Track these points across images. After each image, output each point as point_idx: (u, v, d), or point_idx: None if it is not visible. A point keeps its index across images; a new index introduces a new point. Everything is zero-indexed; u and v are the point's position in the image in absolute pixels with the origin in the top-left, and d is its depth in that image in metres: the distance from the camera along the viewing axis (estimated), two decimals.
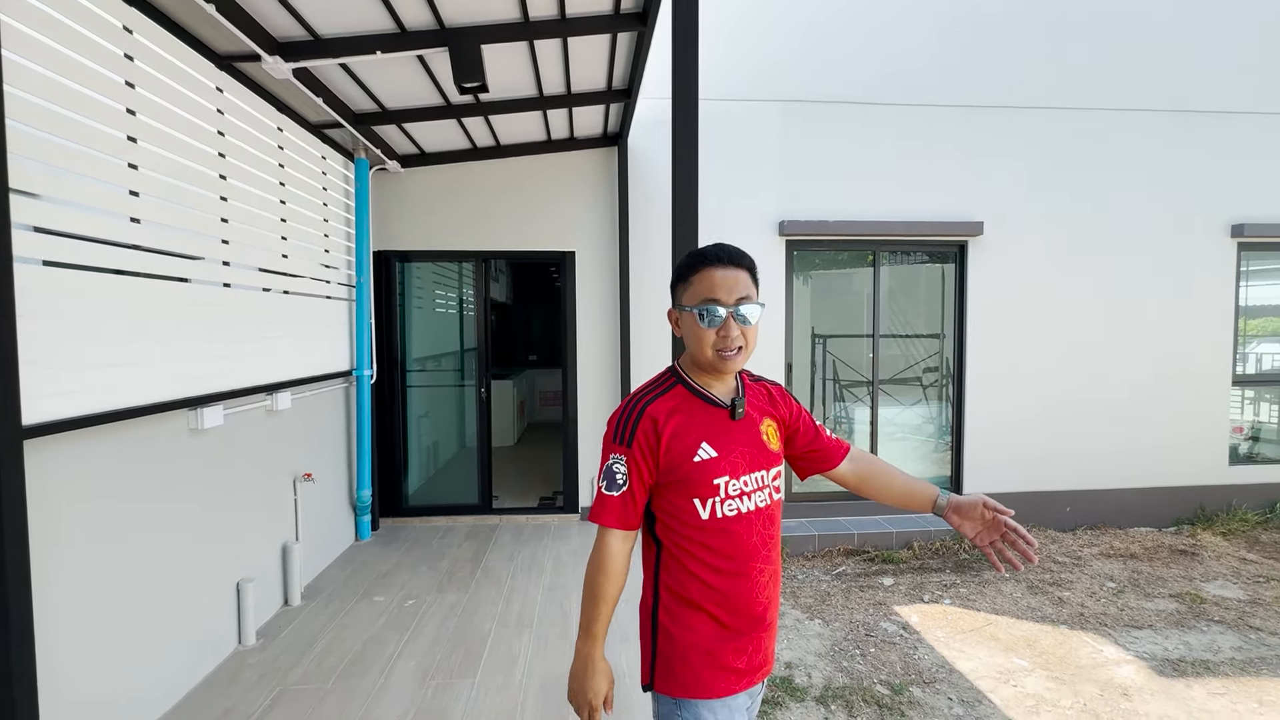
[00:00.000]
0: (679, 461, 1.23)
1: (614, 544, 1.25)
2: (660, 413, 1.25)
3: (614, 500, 1.24)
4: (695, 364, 1.30)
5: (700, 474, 1.23)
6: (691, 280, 1.26)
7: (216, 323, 2.87)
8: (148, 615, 2.42)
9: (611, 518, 1.24)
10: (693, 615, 1.26)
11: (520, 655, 2.96)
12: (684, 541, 1.26)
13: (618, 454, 1.25)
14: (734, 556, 1.26)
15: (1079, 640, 3.42)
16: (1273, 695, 2.92)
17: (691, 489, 1.24)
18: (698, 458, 1.24)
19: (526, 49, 3.36)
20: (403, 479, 5.03)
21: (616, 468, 1.25)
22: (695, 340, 1.25)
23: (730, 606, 1.26)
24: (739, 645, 1.27)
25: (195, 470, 2.73)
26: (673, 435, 1.24)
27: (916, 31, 5.08)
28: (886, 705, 2.82)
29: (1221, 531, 5.12)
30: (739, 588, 1.26)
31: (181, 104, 2.64)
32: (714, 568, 1.25)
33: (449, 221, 4.87)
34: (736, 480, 1.26)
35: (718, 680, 1.25)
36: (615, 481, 1.24)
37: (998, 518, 1.31)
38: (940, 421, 5.44)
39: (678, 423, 1.25)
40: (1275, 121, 5.38)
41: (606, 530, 1.26)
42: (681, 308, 1.28)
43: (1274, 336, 5.74)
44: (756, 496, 1.28)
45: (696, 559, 1.25)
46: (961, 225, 5.07)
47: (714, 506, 1.24)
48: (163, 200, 2.51)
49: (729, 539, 1.25)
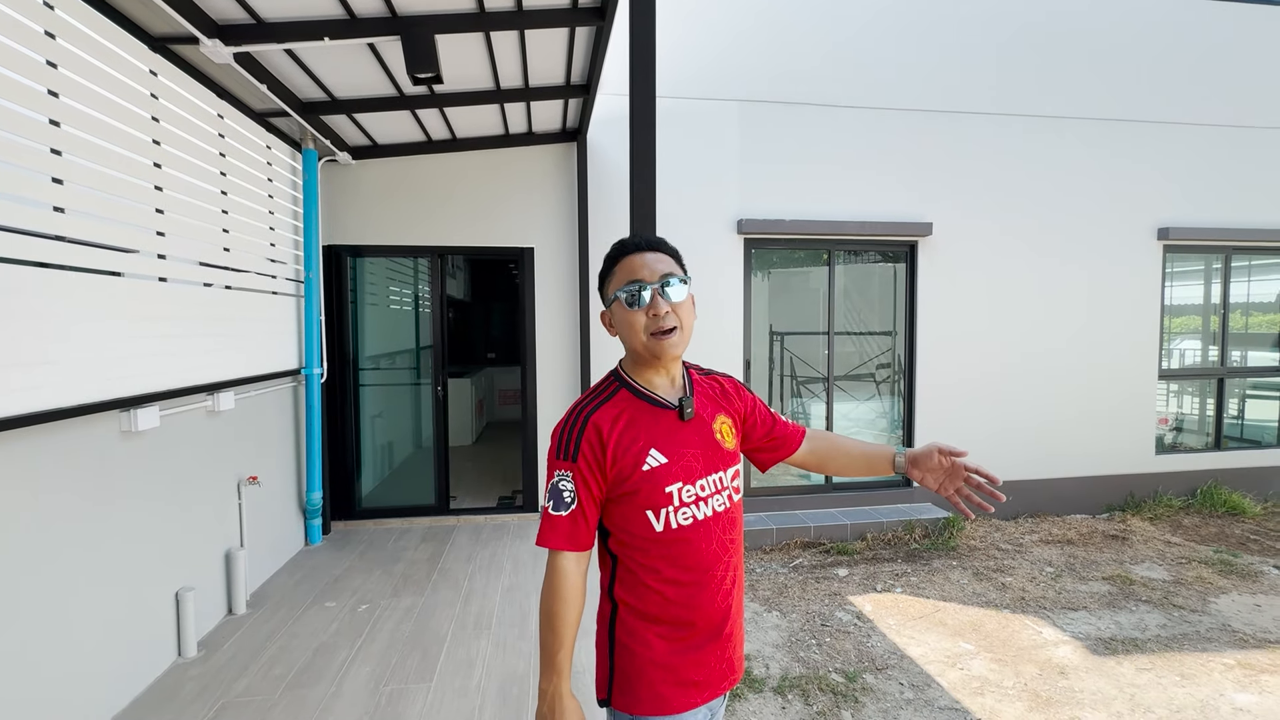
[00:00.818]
0: (627, 472, 1.16)
1: (567, 567, 1.16)
2: (604, 421, 1.18)
3: (563, 520, 1.16)
4: (635, 360, 1.25)
5: (650, 483, 1.16)
6: (615, 271, 1.23)
7: (152, 319, 2.72)
8: (75, 630, 2.28)
9: (561, 539, 1.16)
10: (651, 630, 1.20)
11: (479, 657, 2.92)
12: (639, 555, 1.19)
13: (563, 470, 1.17)
14: (693, 567, 1.19)
15: (1020, 623, 3.59)
16: (1193, 668, 3.12)
17: (643, 500, 1.17)
18: (646, 465, 1.17)
19: (483, 40, 3.30)
20: (355, 481, 4.88)
21: (563, 485, 1.17)
22: (628, 328, 1.20)
23: (690, 619, 1.20)
24: (699, 658, 1.21)
25: (129, 475, 2.58)
26: (618, 444, 1.17)
27: (872, 36, 5.21)
28: (841, 693, 2.90)
29: (1148, 517, 5.45)
30: (699, 599, 1.20)
31: (110, 87, 2.48)
32: (672, 580, 1.19)
33: (403, 216, 4.74)
34: (691, 485, 1.19)
35: (677, 696, 1.19)
36: (563, 500, 1.16)
37: (955, 463, 1.30)
38: (893, 416, 5.62)
39: (623, 429, 1.18)
40: (1199, 131, 5.74)
41: (557, 554, 1.17)
42: (608, 300, 1.24)
43: (1194, 334, 6.14)
44: (714, 501, 1.22)
45: (653, 572, 1.19)
46: (912, 226, 5.24)
47: (668, 517, 1.17)
48: (90, 189, 2.37)
49: (687, 549, 1.19)
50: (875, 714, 2.75)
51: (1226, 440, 6.11)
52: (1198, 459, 5.94)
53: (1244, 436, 6.22)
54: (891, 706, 2.80)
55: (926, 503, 5.36)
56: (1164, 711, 2.78)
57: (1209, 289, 6.08)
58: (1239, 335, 6.17)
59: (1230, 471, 5.92)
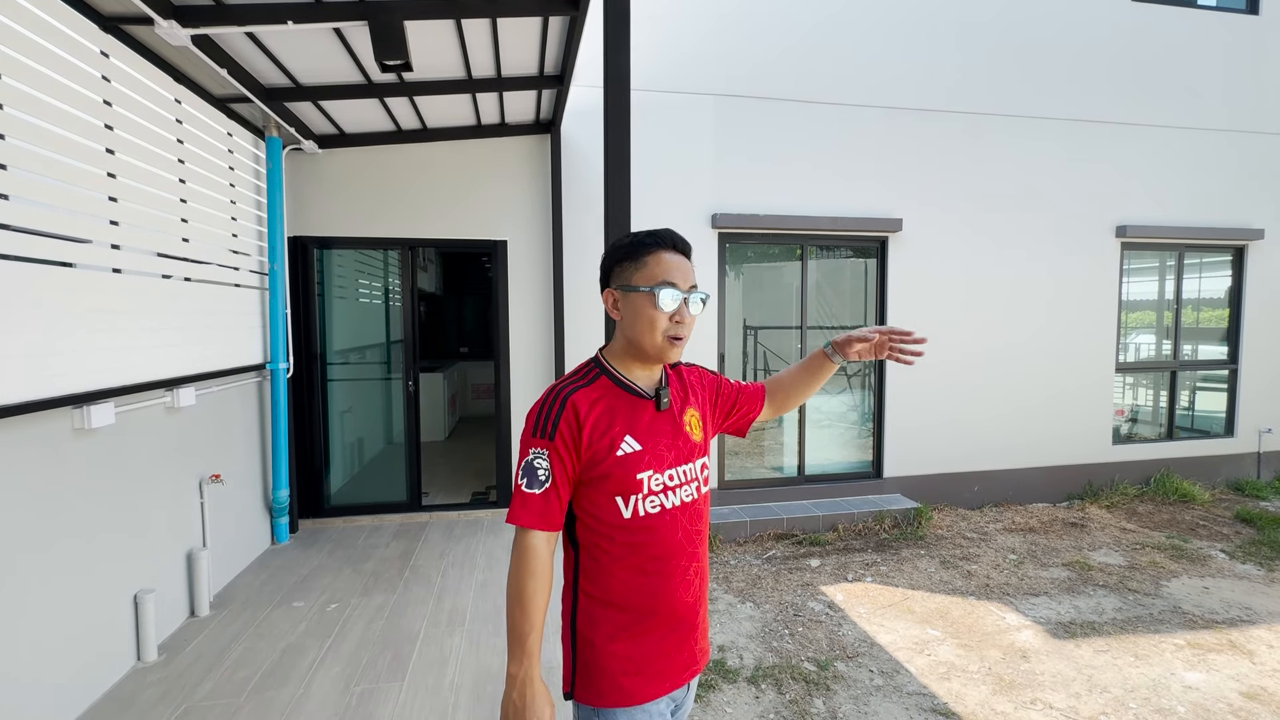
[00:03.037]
0: (601, 456, 1.17)
1: (538, 545, 1.16)
2: (582, 402, 1.18)
3: (535, 498, 1.15)
4: (630, 351, 1.24)
5: (623, 469, 1.17)
6: (645, 260, 1.21)
7: (106, 312, 2.61)
8: (25, 635, 2.19)
9: (533, 517, 1.15)
10: (614, 620, 1.20)
11: (452, 655, 2.89)
12: (604, 542, 1.20)
13: (538, 448, 1.16)
14: (659, 555, 1.20)
15: (985, 609, 3.69)
16: (1146, 649, 3.26)
17: (613, 485, 1.18)
18: (620, 451, 1.18)
19: (454, 28, 3.23)
20: (324, 478, 4.78)
21: (538, 463, 1.16)
22: (645, 323, 1.19)
23: (655, 608, 1.21)
24: (662, 649, 1.22)
25: (83, 474, 2.48)
26: (594, 427, 1.17)
27: (845, 33, 5.25)
28: (813, 681, 2.94)
29: (1106, 505, 5.65)
30: (663, 588, 1.21)
31: (57, 68, 2.37)
32: (636, 569, 1.20)
33: (372, 207, 4.63)
34: (660, 475, 1.21)
35: (638, 687, 1.20)
36: (537, 478, 1.16)
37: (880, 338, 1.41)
38: (863, 409, 5.71)
39: (600, 414, 1.19)
40: (1156, 132, 5.93)
41: (527, 531, 1.16)
42: (629, 288, 1.21)
43: (1149, 328, 6.38)
44: (682, 491, 1.24)
45: (618, 560, 1.19)
46: (883, 222, 5.32)
47: (636, 504, 1.19)
48: (37, 175, 2.25)
49: (653, 536, 1.20)
50: (846, 701, 2.81)
51: (1178, 431, 6.37)
52: (1152, 449, 6.19)
53: (1194, 427, 6.49)
54: (862, 693, 2.86)
55: (896, 494, 5.47)
56: (1119, 691, 2.89)
57: (1163, 285, 6.32)
58: (1191, 330, 6.43)
59: (1182, 460, 6.18)
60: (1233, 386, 6.43)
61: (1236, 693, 2.89)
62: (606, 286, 1.27)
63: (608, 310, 1.26)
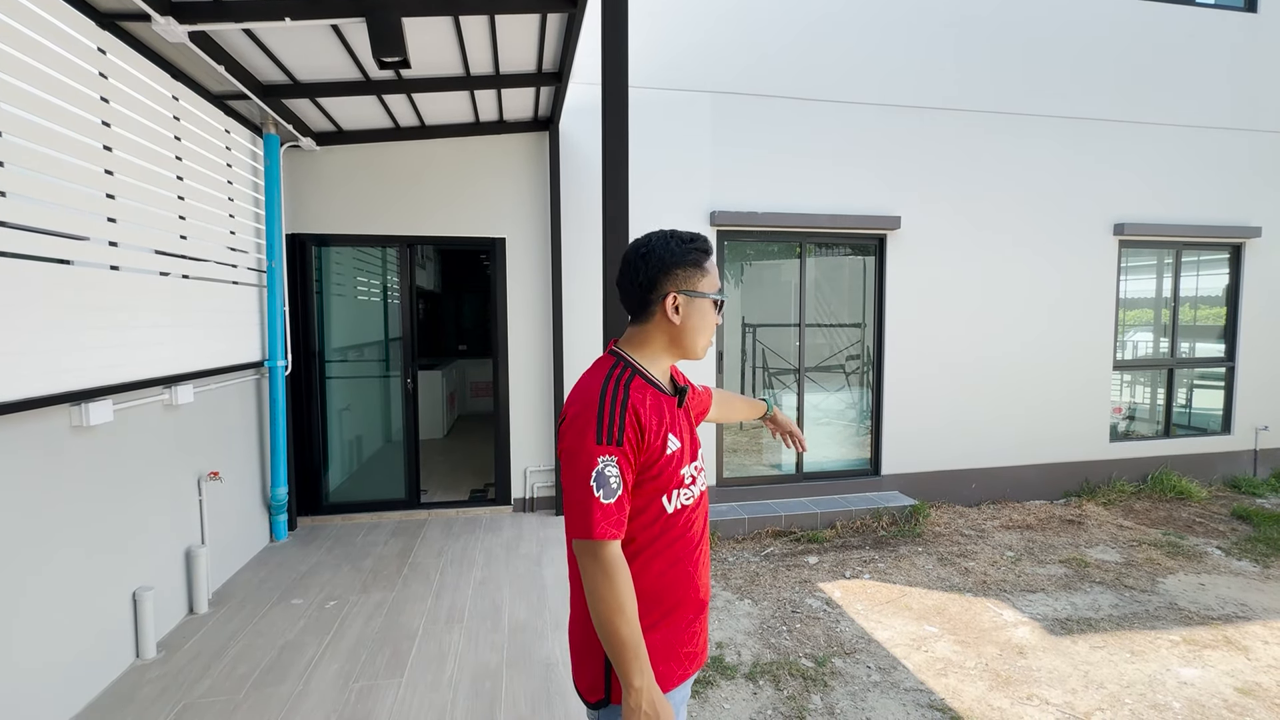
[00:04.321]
0: (655, 456, 1.19)
1: (620, 556, 1.13)
2: (640, 405, 1.18)
3: (612, 508, 1.11)
4: (670, 351, 1.28)
5: (672, 466, 1.22)
6: (707, 269, 1.26)
7: (104, 309, 2.61)
8: (24, 632, 2.19)
9: (613, 527, 1.11)
10: (649, 614, 1.21)
11: (450, 652, 2.89)
12: (644, 537, 1.21)
13: (607, 455, 1.12)
14: (689, 545, 1.26)
15: (982, 606, 3.71)
16: (1142, 645, 3.27)
17: (663, 483, 1.20)
18: (669, 449, 1.22)
19: (451, 25, 3.23)
20: (322, 475, 4.78)
21: (609, 470, 1.11)
22: (705, 328, 1.26)
23: (686, 595, 1.26)
24: (691, 633, 1.28)
25: (81, 471, 2.48)
26: (650, 428, 1.18)
27: (843, 31, 5.25)
28: (811, 677, 2.96)
29: (1102, 502, 5.67)
30: (691, 576, 1.27)
31: (54, 64, 2.36)
32: (673, 560, 1.24)
33: (370, 204, 4.63)
34: (690, 467, 1.28)
35: (674, 671, 1.24)
36: (610, 487, 1.11)
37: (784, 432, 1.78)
38: (861, 407, 5.72)
39: (650, 413, 1.20)
40: (1155, 130, 5.94)
41: (609, 544, 1.11)
42: (696, 294, 1.24)
43: (1146, 326, 6.39)
44: (699, 482, 1.31)
45: (659, 554, 1.22)
46: (881, 219, 5.32)
47: (677, 498, 1.24)
48: (34, 172, 2.25)
49: (686, 529, 1.25)
50: (843, 697, 2.82)
51: (1175, 428, 6.39)
52: (1149, 446, 6.20)
53: (1191, 424, 6.51)
54: (859, 689, 2.87)
55: (894, 491, 5.49)
56: (1115, 687, 2.90)
57: (1161, 283, 6.33)
58: (1188, 327, 6.44)
59: (1179, 458, 6.20)
60: (1230, 384, 6.44)
61: (1231, 688, 2.90)
62: (655, 289, 1.23)
63: (664, 313, 1.24)
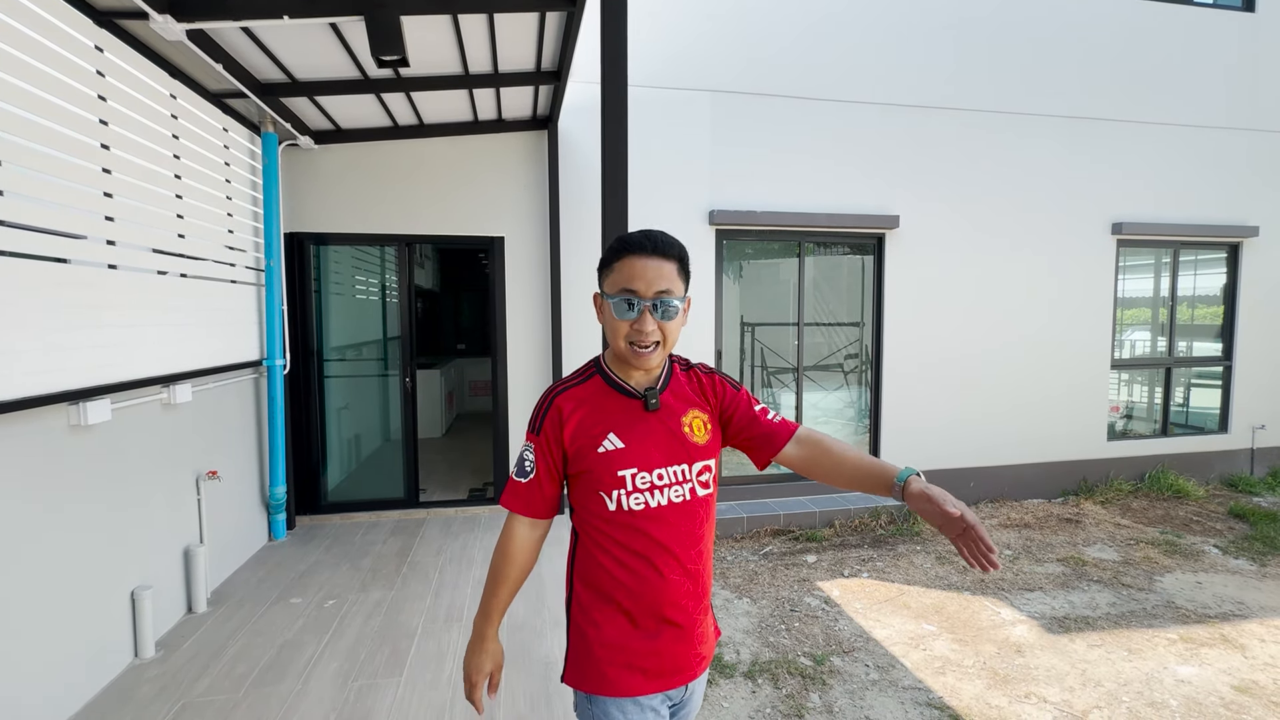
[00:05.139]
0: (585, 453, 1.23)
1: (518, 529, 1.30)
2: (567, 403, 1.26)
3: (521, 486, 1.28)
4: (614, 352, 1.29)
5: (604, 465, 1.22)
6: (615, 267, 1.23)
7: (102, 308, 2.60)
8: (22, 631, 2.19)
9: (517, 503, 1.29)
10: (602, 609, 1.25)
11: (449, 650, 2.89)
12: (594, 533, 1.26)
13: (529, 442, 1.29)
14: (642, 552, 1.22)
15: (980, 604, 3.72)
16: (1139, 644, 3.28)
17: (595, 481, 1.23)
18: (602, 449, 1.22)
19: (450, 23, 3.22)
20: (321, 474, 4.77)
21: (526, 455, 1.29)
22: (611, 330, 1.24)
23: (637, 603, 1.23)
24: (652, 646, 1.24)
25: (79, 471, 2.48)
26: (578, 426, 1.24)
27: (843, 30, 5.24)
28: (810, 675, 2.96)
29: (1100, 500, 5.68)
30: (647, 585, 1.22)
31: (51, 62, 2.35)
32: (621, 561, 1.23)
33: (368, 203, 4.62)
34: (648, 473, 1.22)
35: (623, 679, 1.22)
36: (524, 469, 1.28)
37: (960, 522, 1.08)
38: (860, 406, 5.73)
39: (585, 414, 1.25)
40: (1153, 130, 5.94)
41: (512, 515, 1.30)
42: (602, 293, 1.27)
43: (1144, 325, 6.41)
44: (672, 491, 1.23)
45: (606, 551, 1.25)
46: (880, 218, 5.32)
47: (620, 499, 1.22)
48: (32, 170, 2.24)
49: (636, 534, 1.22)
50: (842, 695, 2.82)
51: (1173, 427, 6.41)
52: (1146, 445, 6.22)
53: (1189, 423, 6.52)
54: (858, 688, 2.88)
55: None
56: (1113, 685, 2.91)
57: (1158, 282, 6.34)
58: (1185, 326, 6.46)
59: (1176, 456, 6.21)
60: (1227, 383, 6.46)
61: (1228, 686, 2.91)
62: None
63: (596, 314, 1.32)
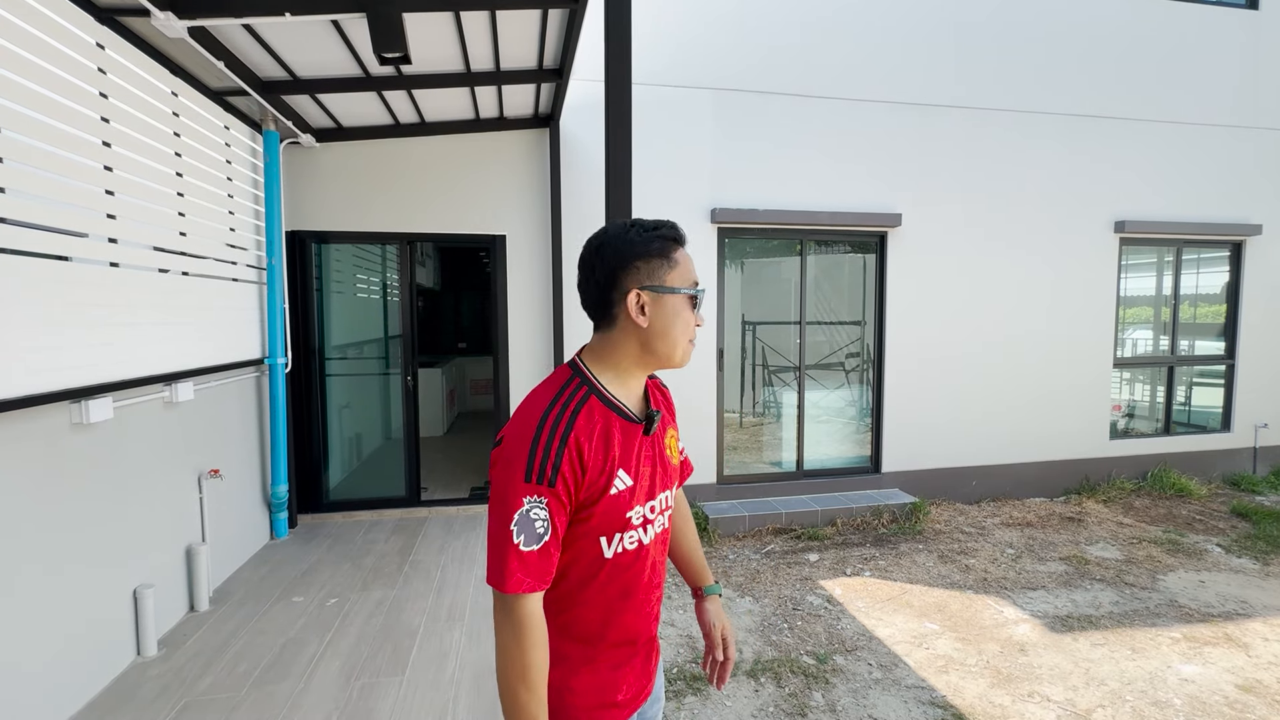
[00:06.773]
0: (595, 497, 1.00)
1: (537, 611, 0.98)
2: (585, 438, 0.99)
3: (532, 556, 0.95)
4: (641, 361, 1.08)
5: (614, 509, 1.03)
6: (677, 260, 1.05)
7: (104, 306, 2.60)
8: (24, 630, 2.18)
9: (530, 580, 0.95)
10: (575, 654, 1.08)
11: (452, 649, 2.89)
12: (575, 578, 1.06)
13: (535, 496, 0.95)
14: (629, 589, 1.10)
15: (983, 603, 3.71)
16: (1143, 642, 3.27)
17: (602, 526, 1.02)
18: (614, 489, 1.02)
19: (452, 20, 3.21)
20: (323, 473, 4.77)
21: (535, 514, 0.95)
22: (678, 327, 1.05)
23: (619, 639, 1.11)
24: (621, 676, 1.12)
25: (81, 469, 2.48)
26: (594, 466, 1.00)
27: (844, 28, 5.23)
28: (812, 674, 2.96)
29: (1102, 499, 5.67)
30: (628, 619, 1.12)
31: (52, 59, 2.35)
32: (605, 604, 1.08)
33: (370, 201, 4.61)
34: (644, 508, 1.08)
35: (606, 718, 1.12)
36: (535, 533, 0.95)
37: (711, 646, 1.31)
38: (861, 405, 5.72)
39: (596, 448, 1.01)
40: (1156, 128, 5.93)
41: (525, 598, 0.95)
42: (663, 289, 1.03)
43: (1146, 324, 6.39)
44: (658, 521, 1.12)
45: (589, 596, 1.07)
46: (882, 217, 5.31)
47: (619, 541, 1.06)
48: (33, 168, 2.24)
49: (627, 572, 1.09)
50: (845, 694, 2.82)
51: (1175, 426, 6.39)
52: (1148, 444, 6.21)
53: (1191, 422, 6.51)
54: (860, 686, 2.88)
55: (894, 489, 5.49)
56: (1116, 684, 2.91)
57: (1161, 280, 6.33)
58: (1188, 325, 6.44)
59: (1178, 455, 6.20)
60: (1229, 382, 6.45)
61: (1232, 685, 2.91)
62: (615, 286, 1.05)
63: (627, 315, 1.04)
